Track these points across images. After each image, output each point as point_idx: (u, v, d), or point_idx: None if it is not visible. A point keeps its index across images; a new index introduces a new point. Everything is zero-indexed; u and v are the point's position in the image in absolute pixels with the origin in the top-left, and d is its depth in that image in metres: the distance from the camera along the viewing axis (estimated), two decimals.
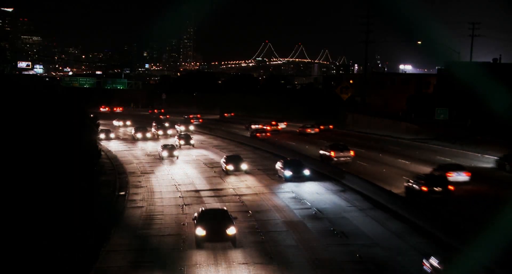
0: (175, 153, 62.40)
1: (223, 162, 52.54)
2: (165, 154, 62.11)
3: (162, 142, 75.58)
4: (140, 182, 49.90)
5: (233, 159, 52.40)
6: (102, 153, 67.48)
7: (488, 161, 55.32)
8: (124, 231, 33.39)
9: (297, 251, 28.71)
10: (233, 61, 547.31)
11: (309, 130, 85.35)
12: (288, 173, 47.06)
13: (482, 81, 63.90)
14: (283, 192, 43.39)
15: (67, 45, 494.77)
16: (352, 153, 55.79)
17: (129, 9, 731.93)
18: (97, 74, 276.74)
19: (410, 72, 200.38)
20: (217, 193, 44.43)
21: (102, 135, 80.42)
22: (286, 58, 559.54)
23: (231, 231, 28.62)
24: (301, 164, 48.71)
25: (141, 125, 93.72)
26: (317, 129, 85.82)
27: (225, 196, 43.05)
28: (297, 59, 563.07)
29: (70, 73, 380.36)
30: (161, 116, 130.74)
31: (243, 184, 46.89)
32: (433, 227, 30.55)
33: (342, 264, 26.64)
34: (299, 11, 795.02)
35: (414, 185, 39.02)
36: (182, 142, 71.94)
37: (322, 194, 42.31)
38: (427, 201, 36.77)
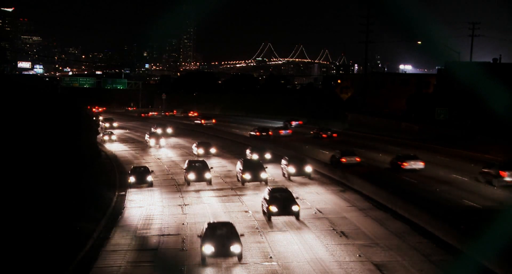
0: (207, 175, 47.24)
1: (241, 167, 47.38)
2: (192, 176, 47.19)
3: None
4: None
5: (253, 166, 46.79)
6: (102, 153, 67.63)
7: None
8: (124, 231, 33.37)
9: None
10: (233, 61, 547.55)
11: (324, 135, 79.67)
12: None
13: (482, 81, 63.92)
14: None
15: (67, 45, 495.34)
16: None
17: (129, 9, 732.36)
18: (97, 74, 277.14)
19: (410, 72, 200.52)
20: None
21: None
22: (286, 58, 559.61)
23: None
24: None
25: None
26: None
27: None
28: (297, 59, 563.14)
29: (70, 73, 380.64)
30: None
31: None
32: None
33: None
34: (299, 11, 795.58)
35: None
36: (201, 151, 63.02)
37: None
38: None
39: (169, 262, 27.68)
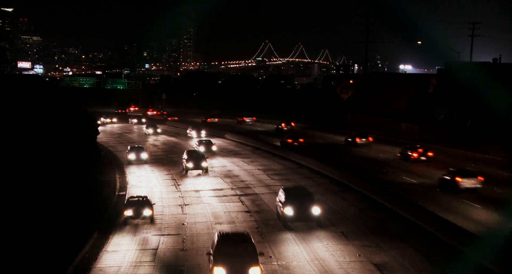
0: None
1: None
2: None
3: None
4: (140, 182, 49.85)
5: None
6: (102, 153, 67.57)
7: None
8: (124, 230, 33.35)
9: None
10: (233, 61, 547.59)
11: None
12: None
13: (482, 81, 63.94)
14: None
15: (67, 45, 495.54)
16: None
17: (129, 9, 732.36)
18: (97, 74, 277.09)
19: (410, 72, 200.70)
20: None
21: None
22: (286, 58, 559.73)
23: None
24: None
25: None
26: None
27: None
28: (297, 59, 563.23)
29: (70, 73, 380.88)
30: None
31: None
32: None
33: None
34: (299, 11, 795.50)
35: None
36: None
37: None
38: None
39: (169, 262, 27.68)
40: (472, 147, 62.93)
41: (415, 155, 56.11)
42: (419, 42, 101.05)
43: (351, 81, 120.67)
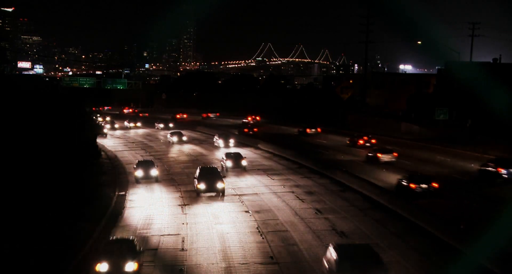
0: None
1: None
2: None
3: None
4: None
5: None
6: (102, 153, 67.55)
7: None
8: (124, 231, 33.36)
9: None
10: (233, 61, 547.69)
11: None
12: None
13: (482, 81, 63.96)
14: None
15: (67, 45, 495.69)
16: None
17: (129, 9, 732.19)
18: (97, 74, 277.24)
19: (410, 72, 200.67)
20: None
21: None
22: (286, 58, 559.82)
23: None
24: None
25: None
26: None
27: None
28: (297, 59, 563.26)
29: (70, 73, 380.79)
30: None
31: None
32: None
33: None
34: (299, 11, 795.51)
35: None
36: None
37: None
38: None
39: (169, 262, 27.66)
40: (472, 147, 62.98)
41: (361, 141, 68.25)
42: (419, 42, 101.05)
43: (351, 81, 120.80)
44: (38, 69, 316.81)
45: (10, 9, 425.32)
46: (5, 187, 30.25)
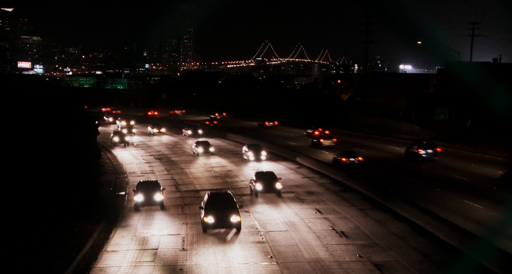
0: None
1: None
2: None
3: None
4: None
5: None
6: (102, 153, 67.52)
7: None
8: (124, 230, 33.36)
9: None
10: (233, 61, 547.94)
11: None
12: None
13: (482, 81, 64.00)
14: None
15: (67, 45, 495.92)
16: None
17: (129, 9, 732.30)
18: (97, 74, 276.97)
19: (410, 72, 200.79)
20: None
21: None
22: (286, 58, 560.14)
23: None
24: None
25: None
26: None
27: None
28: (297, 59, 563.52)
29: (70, 73, 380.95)
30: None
31: None
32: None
33: None
34: (299, 11, 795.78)
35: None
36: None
37: None
38: None
39: (169, 262, 27.67)
40: (472, 147, 62.98)
41: (316, 132, 78.50)
42: (419, 42, 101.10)
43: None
44: (38, 69, 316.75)
45: (10, 9, 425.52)
46: (5, 187, 30.26)
